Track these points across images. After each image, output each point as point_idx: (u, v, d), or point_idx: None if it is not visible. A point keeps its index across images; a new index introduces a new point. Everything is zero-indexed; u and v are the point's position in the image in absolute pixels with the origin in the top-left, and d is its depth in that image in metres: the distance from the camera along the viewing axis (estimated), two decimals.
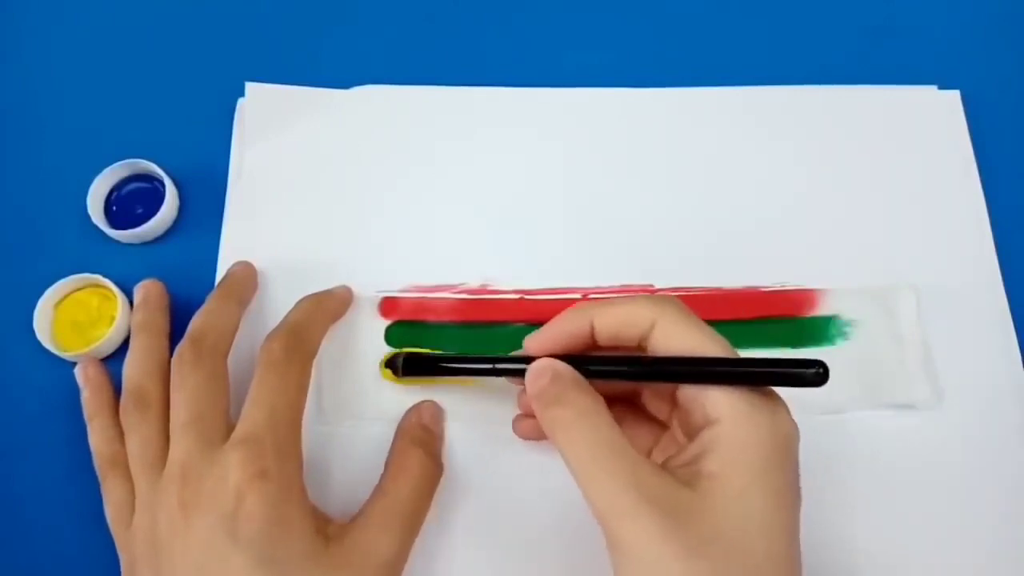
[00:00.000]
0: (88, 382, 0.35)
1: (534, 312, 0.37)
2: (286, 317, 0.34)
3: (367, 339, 0.36)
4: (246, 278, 0.37)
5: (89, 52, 0.43)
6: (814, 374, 0.25)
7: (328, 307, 0.35)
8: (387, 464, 0.33)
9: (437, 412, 0.35)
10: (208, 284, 0.37)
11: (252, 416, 0.30)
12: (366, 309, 0.37)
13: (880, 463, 0.35)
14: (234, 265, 0.37)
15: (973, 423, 0.36)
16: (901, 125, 0.41)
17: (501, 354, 0.32)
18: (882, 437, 0.35)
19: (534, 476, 0.34)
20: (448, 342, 0.36)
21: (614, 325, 0.29)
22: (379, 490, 0.32)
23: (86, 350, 0.36)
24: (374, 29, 0.44)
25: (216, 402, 0.31)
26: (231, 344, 0.34)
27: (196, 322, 0.33)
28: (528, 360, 0.30)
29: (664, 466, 0.27)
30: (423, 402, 0.35)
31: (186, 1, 0.44)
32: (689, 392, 0.28)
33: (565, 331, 0.30)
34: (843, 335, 0.37)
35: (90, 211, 0.38)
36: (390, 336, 0.37)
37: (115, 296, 0.37)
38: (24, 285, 0.37)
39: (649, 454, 0.30)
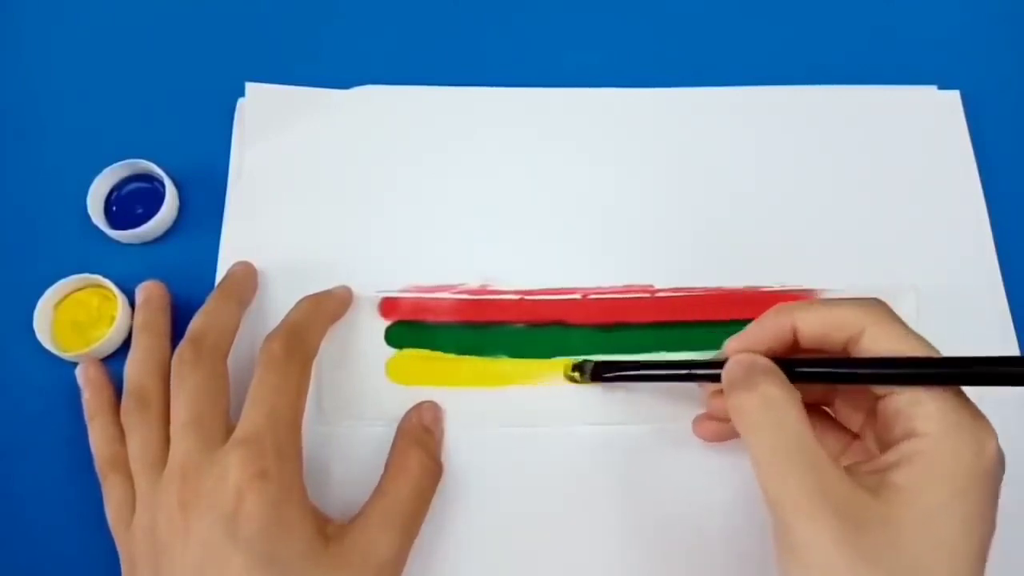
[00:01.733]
0: (89, 382, 0.35)
1: (534, 312, 0.37)
2: (286, 317, 0.34)
3: (367, 339, 0.37)
4: (246, 278, 0.37)
5: (89, 52, 0.43)
6: None
7: (328, 307, 0.35)
8: (387, 464, 0.33)
9: (437, 413, 0.35)
10: (208, 284, 0.37)
11: (252, 416, 0.30)
12: (366, 309, 0.37)
13: None
14: (234, 265, 0.37)
15: None
16: (901, 125, 0.41)
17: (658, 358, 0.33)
18: None
19: (535, 477, 0.34)
20: (448, 342, 0.37)
21: (820, 328, 0.28)
22: (379, 490, 0.32)
23: (86, 350, 0.36)
24: (374, 29, 0.44)
25: (216, 402, 0.31)
26: (231, 344, 0.34)
27: (196, 322, 0.33)
28: (724, 364, 0.29)
29: (852, 470, 0.27)
30: (423, 403, 0.35)
31: (186, 1, 0.44)
32: (894, 403, 0.27)
33: (768, 332, 0.29)
34: None
35: (90, 211, 0.38)
36: (390, 336, 0.37)
37: (115, 296, 0.37)
38: (24, 285, 0.37)
39: (837, 462, 0.30)
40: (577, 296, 0.37)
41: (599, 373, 0.35)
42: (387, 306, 0.37)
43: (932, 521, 0.24)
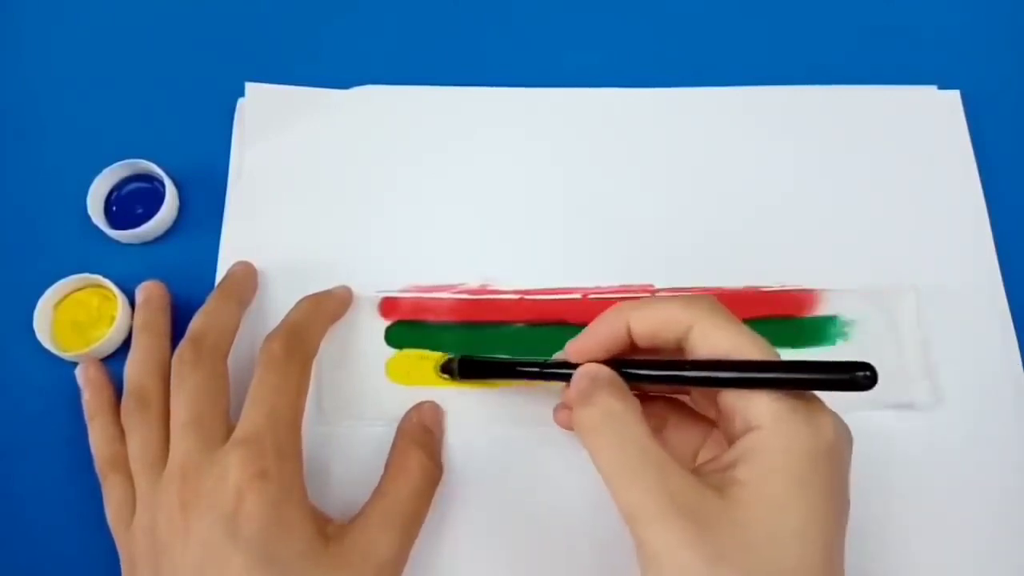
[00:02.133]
0: (89, 383, 0.35)
1: (534, 312, 0.37)
2: (286, 317, 0.34)
3: (367, 339, 0.37)
4: (246, 278, 0.37)
5: (89, 52, 0.43)
6: (863, 377, 0.24)
7: (328, 307, 0.35)
8: (387, 465, 0.33)
9: (437, 413, 0.35)
10: (208, 284, 0.37)
11: (252, 416, 0.30)
12: (366, 309, 0.37)
13: (880, 463, 0.35)
14: (234, 265, 0.37)
15: (973, 423, 0.36)
16: (901, 125, 0.41)
17: (541, 358, 0.32)
18: (882, 437, 0.35)
19: (535, 477, 0.34)
20: (448, 342, 0.36)
21: (651, 327, 0.28)
22: (379, 491, 0.32)
23: (86, 350, 0.36)
24: (374, 29, 0.44)
25: (216, 402, 0.31)
26: (231, 344, 0.34)
27: (196, 322, 0.33)
28: (572, 366, 0.30)
29: (699, 471, 0.27)
30: (423, 403, 0.35)
31: (186, 1, 0.44)
32: (729, 397, 0.27)
33: (603, 334, 0.29)
34: (843, 335, 0.37)
35: (90, 211, 0.38)
36: (390, 336, 0.37)
37: (115, 296, 0.37)
38: (24, 285, 0.37)
39: (696, 454, 0.30)
40: (577, 296, 0.37)
41: (465, 372, 0.35)
42: (387, 306, 0.37)
43: (778, 513, 0.25)
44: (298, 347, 0.32)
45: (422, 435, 0.34)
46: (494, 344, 0.37)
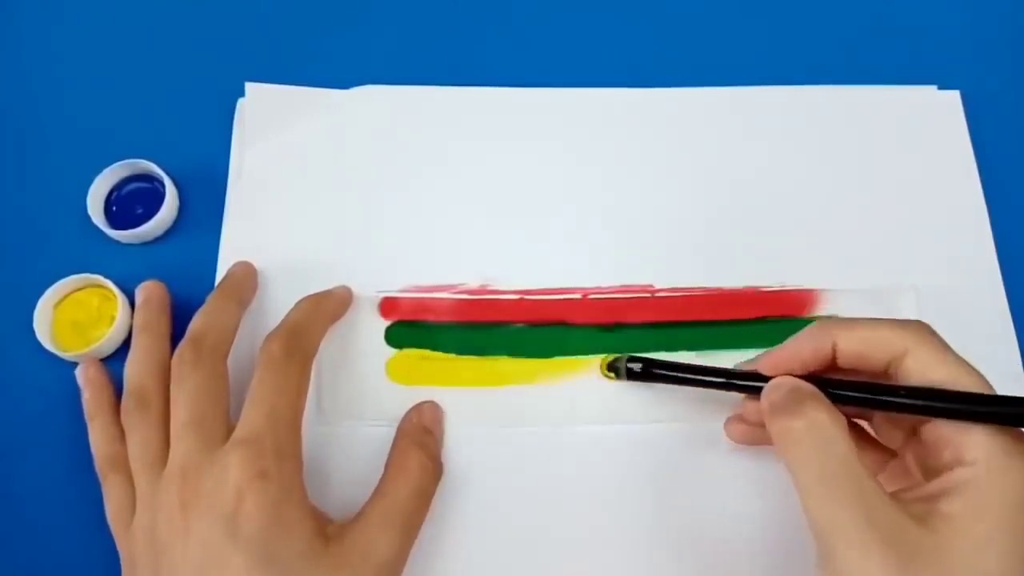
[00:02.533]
0: (89, 383, 0.35)
1: (534, 312, 0.37)
2: (286, 317, 0.34)
3: (367, 339, 0.37)
4: (246, 278, 0.37)
5: (89, 52, 0.43)
6: None
7: (327, 307, 0.35)
8: (387, 465, 0.33)
9: (437, 413, 0.35)
10: (208, 284, 0.37)
11: (252, 417, 0.30)
12: (366, 309, 0.37)
13: None
14: (234, 265, 0.37)
15: None
16: (901, 125, 0.41)
17: (709, 365, 0.32)
18: None
19: (536, 477, 0.34)
20: (448, 342, 0.36)
21: (860, 348, 0.28)
22: (379, 491, 0.32)
23: (86, 350, 0.36)
24: (374, 29, 0.44)
25: (216, 402, 0.31)
26: (231, 344, 0.34)
27: (196, 322, 0.33)
28: (763, 378, 0.29)
29: (896, 498, 0.26)
30: (423, 403, 0.35)
31: (186, 1, 0.44)
32: (939, 430, 0.26)
33: (805, 350, 0.29)
34: None
35: (90, 211, 0.38)
36: (390, 336, 0.37)
37: (115, 296, 0.37)
38: (24, 285, 0.37)
39: None
40: (577, 296, 0.37)
41: (634, 373, 0.34)
42: (387, 306, 0.37)
43: (982, 552, 0.24)
44: (298, 347, 0.32)
45: (422, 435, 0.34)
46: (494, 344, 0.37)
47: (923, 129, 0.41)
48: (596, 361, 0.36)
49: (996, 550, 0.24)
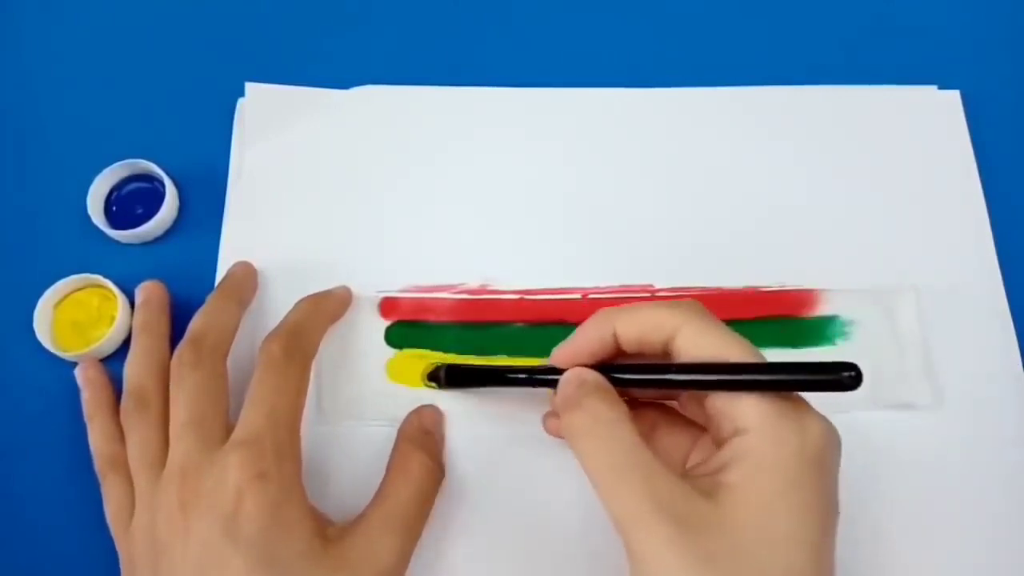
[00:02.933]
0: (88, 383, 0.35)
1: (534, 312, 0.37)
2: (285, 318, 0.34)
3: (367, 339, 0.36)
4: (246, 278, 0.37)
5: (89, 52, 0.43)
6: (848, 377, 0.24)
7: (327, 308, 0.35)
8: (388, 467, 0.33)
9: (437, 416, 0.35)
10: (208, 284, 0.37)
11: (251, 417, 0.30)
12: (366, 309, 0.37)
13: (880, 463, 0.35)
14: (234, 265, 0.37)
15: (973, 423, 0.36)
16: (901, 125, 0.41)
17: (528, 363, 0.33)
18: (882, 437, 0.35)
19: (536, 477, 0.34)
20: (448, 342, 0.36)
21: (637, 332, 0.29)
22: (380, 494, 0.32)
23: (86, 350, 0.36)
24: (374, 29, 0.44)
25: (216, 403, 0.31)
26: (231, 345, 0.34)
27: (196, 323, 0.33)
28: (559, 371, 0.30)
29: (688, 474, 0.27)
30: (424, 406, 0.35)
31: (186, 1, 0.44)
32: (717, 401, 0.27)
33: (589, 339, 0.30)
34: (843, 335, 0.37)
35: (90, 211, 0.38)
36: (390, 336, 0.37)
37: (115, 296, 0.37)
38: (24, 285, 0.37)
39: (686, 459, 0.30)
40: (577, 296, 0.37)
41: (451, 380, 0.34)
42: (387, 306, 0.37)
43: (766, 516, 0.25)
44: (297, 348, 0.32)
45: (423, 437, 0.34)
46: (494, 344, 0.36)
47: (923, 129, 0.41)
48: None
49: (776, 513, 0.25)
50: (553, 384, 0.30)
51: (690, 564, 0.24)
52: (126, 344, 0.36)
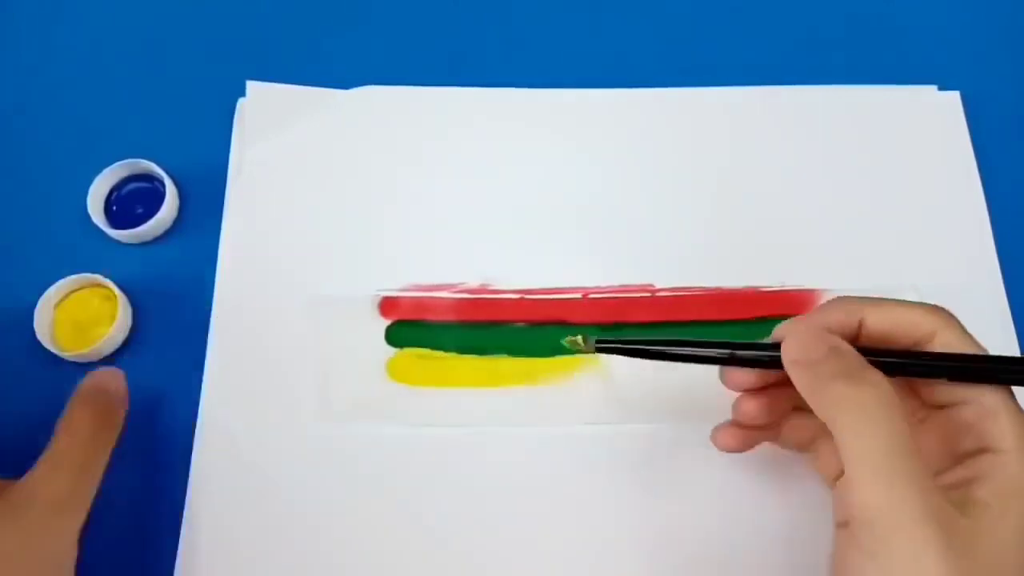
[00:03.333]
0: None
1: (534, 312, 0.37)
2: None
3: (367, 339, 0.36)
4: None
5: (89, 52, 0.43)
6: None
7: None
8: (57, 428, 0.31)
9: (116, 381, 0.33)
10: (208, 284, 0.37)
11: None
12: (366, 309, 0.37)
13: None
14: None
15: None
16: (901, 125, 0.41)
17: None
18: None
19: (536, 477, 0.34)
20: (448, 342, 0.36)
21: (889, 327, 0.27)
22: (47, 448, 0.31)
23: (86, 350, 0.36)
24: (375, 30, 0.44)
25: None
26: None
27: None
28: (775, 348, 0.27)
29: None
30: (101, 371, 0.33)
31: (186, 1, 0.44)
32: (962, 416, 0.26)
33: (832, 321, 0.28)
34: None
35: (90, 211, 0.38)
36: (390, 336, 0.37)
37: (115, 296, 0.37)
38: (24, 285, 0.37)
39: None
40: (577, 295, 0.37)
41: (607, 347, 0.30)
42: (387, 306, 0.37)
43: (1019, 538, 0.24)
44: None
45: (94, 396, 0.32)
46: (494, 343, 0.36)
47: (923, 129, 0.41)
48: (597, 361, 0.36)
49: None
50: (762, 363, 0.28)
51: (950, 574, 0.23)
52: (126, 344, 0.36)
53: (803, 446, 0.31)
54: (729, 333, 0.37)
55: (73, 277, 0.37)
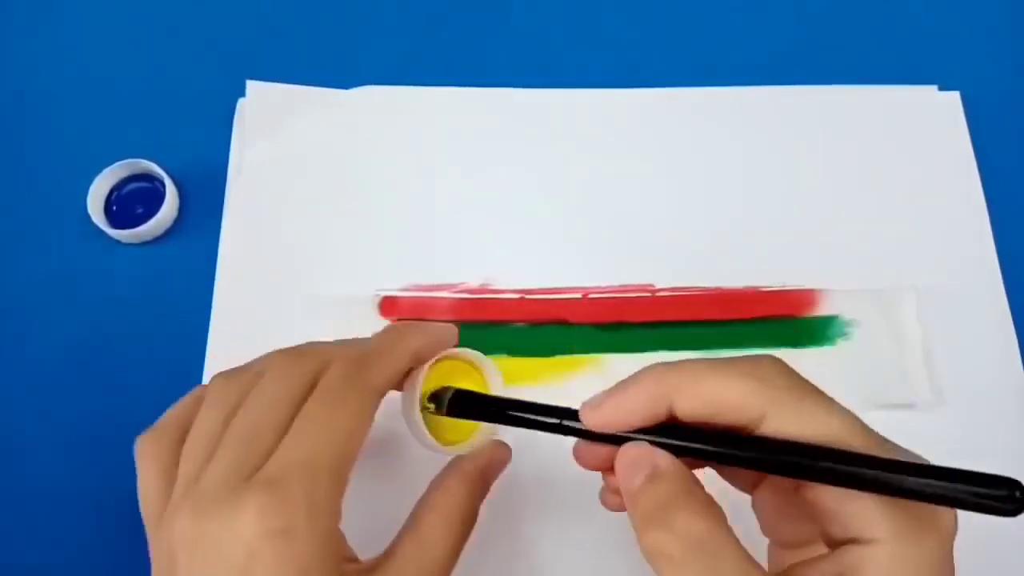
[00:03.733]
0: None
1: (534, 312, 0.37)
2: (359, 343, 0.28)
3: None
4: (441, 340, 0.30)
5: (89, 52, 0.43)
6: (1008, 497, 0.20)
7: (413, 341, 0.28)
8: (429, 504, 0.27)
9: (505, 456, 0.30)
10: (208, 284, 0.37)
11: (287, 455, 0.24)
12: (366, 309, 0.37)
13: None
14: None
15: (973, 423, 0.36)
16: (901, 125, 0.41)
17: (564, 406, 0.26)
18: None
19: (537, 478, 0.34)
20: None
21: (703, 410, 0.23)
22: (416, 535, 0.26)
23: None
24: (375, 29, 0.44)
25: (280, 423, 0.25)
26: (383, 394, 0.27)
27: (375, 341, 0.28)
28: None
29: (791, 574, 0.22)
30: (497, 443, 0.30)
31: (186, 1, 0.44)
32: (820, 498, 0.22)
33: (634, 408, 0.23)
34: (843, 335, 0.37)
35: (90, 211, 0.38)
36: None
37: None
38: (24, 285, 0.37)
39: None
40: (577, 295, 0.37)
41: (455, 407, 0.28)
42: (387, 305, 0.37)
43: None
44: (362, 377, 0.26)
45: (478, 480, 0.28)
46: (495, 343, 0.36)
47: (923, 129, 0.41)
48: (597, 360, 0.36)
49: None
50: (590, 437, 0.25)
51: None
52: (126, 344, 0.36)
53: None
54: (730, 333, 0.37)
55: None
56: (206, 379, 0.36)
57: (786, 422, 0.22)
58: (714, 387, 0.23)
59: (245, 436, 0.24)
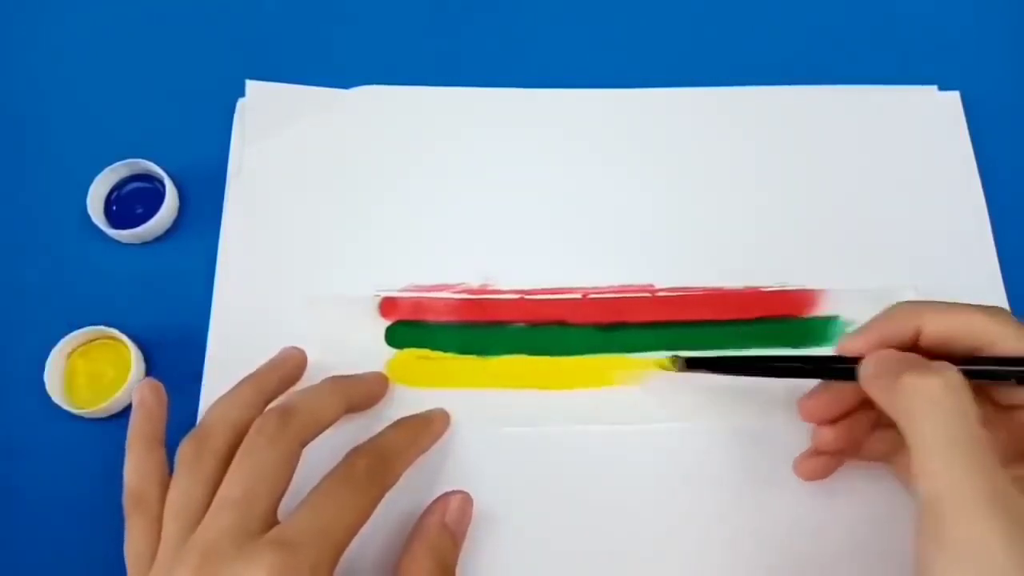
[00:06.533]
0: (140, 406, 0.31)
1: (534, 312, 0.37)
2: (380, 435, 0.31)
3: (367, 339, 0.36)
4: (369, 390, 0.34)
5: (89, 52, 0.43)
6: None
7: (423, 440, 0.33)
8: (397, 569, 0.30)
9: (466, 507, 0.32)
10: (208, 284, 0.37)
11: (303, 521, 0.27)
12: (366, 309, 0.37)
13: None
14: (368, 373, 0.35)
15: None
16: (901, 125, 0.41)
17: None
18: None
19: (538, 478, 0.34)
20: (448, 342, 0.36)
21: (948, 333, 0.28)
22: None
23: (99, 407, 0.35)
24: (375, 29, 0.44)
25: (273, 490, 0.28)
26: (316, 436, 0.30)
27: (295, 396, 0.31)
28: (845, 361, 0.29)
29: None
30: (453, 495, 0.32)
31: (186, 1, 0.44)
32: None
33: (888, 331, 0.28)
34: (843, 335, 0.37)
35: (90, 211, 0.38)
36: (390, 336, 0.37)
37: (128, 350, 0.36)
38: (24, 285, 0.37)
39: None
40: (577, 296, 0.37)
41: (700, 364, 0.33)
42: (387, 306, 0.37)
43: None
44: (382, 473, 0.30)
45: (439, 540, 0.31)
46: (495, 344, 0.36)
47: (923, 129, 0.41)
48: (597, 360, 0.36)
49: None
50: (841, 375, 0.29)
51: (1019, 562, 0.22)
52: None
53: (885, 457, 0.32)
54: (730, 333, 0.37)
55: (86, 330, 0.36)
56: (206, 379, 0.36)
57: (1014, 343, 0.27)
58: (961, 314, 0.28)
59: (243, 502, 0.27)
